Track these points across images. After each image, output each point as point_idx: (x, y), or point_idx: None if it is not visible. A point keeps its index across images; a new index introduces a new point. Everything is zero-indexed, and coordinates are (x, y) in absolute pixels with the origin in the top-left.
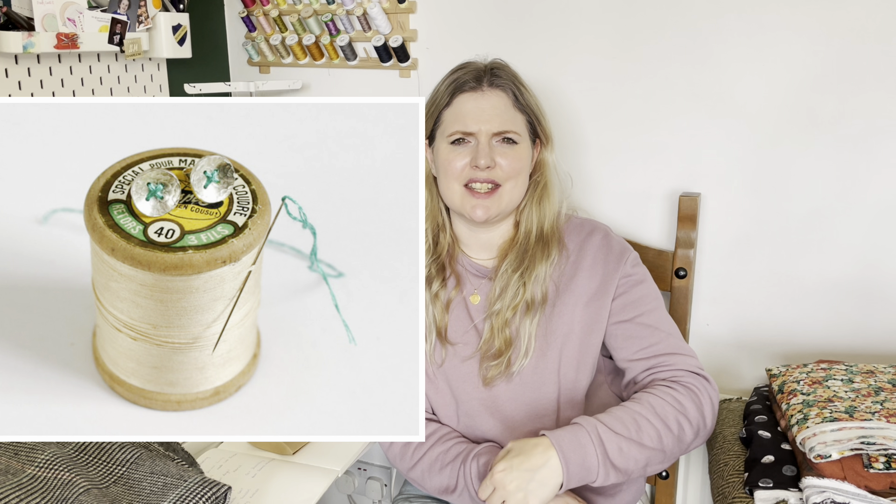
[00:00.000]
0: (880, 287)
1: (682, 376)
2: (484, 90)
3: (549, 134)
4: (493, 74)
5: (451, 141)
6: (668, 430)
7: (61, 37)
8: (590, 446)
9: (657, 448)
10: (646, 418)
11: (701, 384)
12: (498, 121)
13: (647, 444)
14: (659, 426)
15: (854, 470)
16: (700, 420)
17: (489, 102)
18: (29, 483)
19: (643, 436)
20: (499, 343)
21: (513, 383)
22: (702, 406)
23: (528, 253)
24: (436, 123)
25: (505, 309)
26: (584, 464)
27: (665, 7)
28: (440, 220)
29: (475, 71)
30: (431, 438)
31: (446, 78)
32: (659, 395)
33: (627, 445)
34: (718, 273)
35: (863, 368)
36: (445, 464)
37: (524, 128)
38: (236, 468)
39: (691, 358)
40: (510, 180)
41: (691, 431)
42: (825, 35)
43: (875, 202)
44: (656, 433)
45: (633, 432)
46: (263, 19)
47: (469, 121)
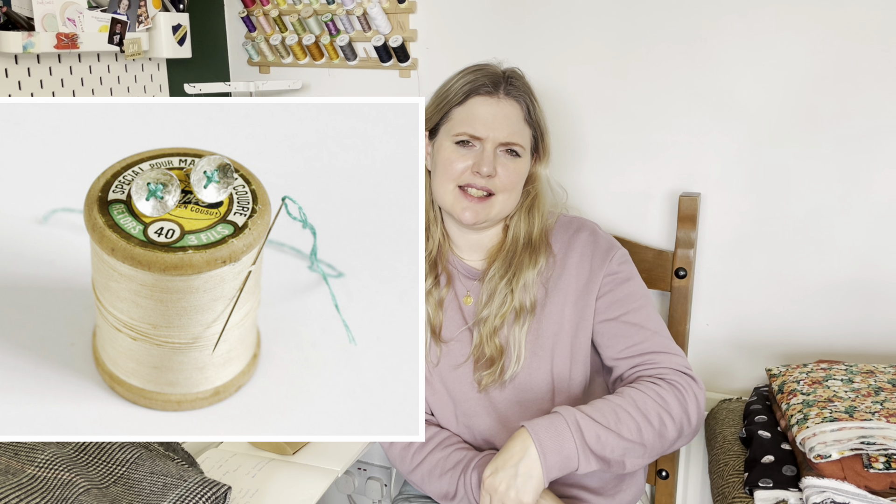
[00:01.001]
0: (880, 287)
1: (667, 374)
2: (500, 97)
3: (549, 150)
4: (510, 83)
5: (457, 141)
6: (649, 424)
7: (61, 37)
8: (566, 433)
9: (636, 440)
10: (626, 410)
11: (686, 382)
12: (508, 131)
13: (626, 435)
14: (639, 419)
15: (854, 470)
16: (684, 417)
17: (503, 111)
18: (29, 483)
19: (622, 427)
20: (490, 351)
21: (507, 389)
22: (686, 404)
23: (516, 259)
24: (443, 118)
25: (493, 317)
26: (563, 451)
27: (665, 7)
28: (431, 214)
29: (493, 76)
30: (430, 443)
31: (462, 76)
32: (641, 389)
33: (605, 434)
34: (718, 273)
35: (863, 368)
36: (445, 470)
37: (529, 142)
38: (236, 468)
39: (678, 357)
40: (505, 192)
41: (674, 428)
42: (825, 35)
43: (875, 202)
44: (636, 425)
45: (611, 422)
46: (263, 19)
47: (480, 125)
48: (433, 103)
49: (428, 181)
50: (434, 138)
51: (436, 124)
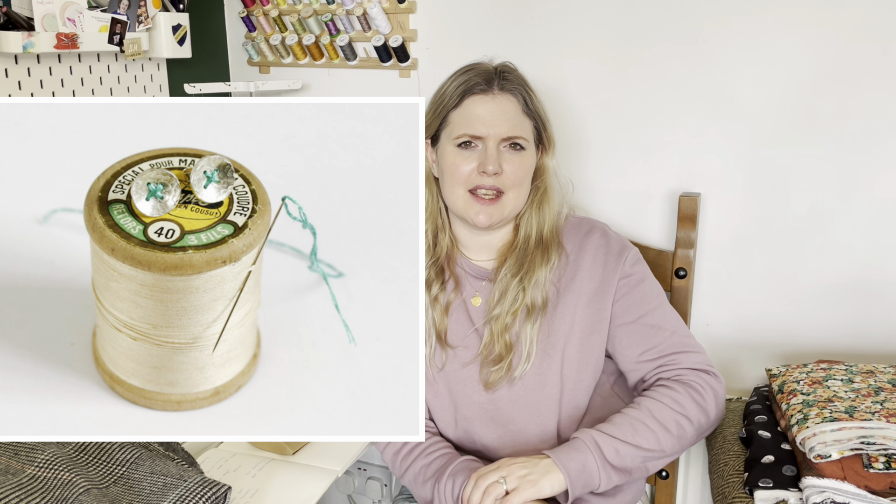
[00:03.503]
0: (880, 287)
1: (684, 375)
2: (495, 93)
3: (553, 139)
4: (503, 78)
5: (458, 144)
6: (667, 432)
7: (61, 37)
8: (587, 452)
9: (656, 449)
10: (643, 423)
11: (703, 381)
12: (507, 126)
13: (644, 445)
14: (656, 428)
15: (854, 470)
16: (702, 416)
17: (499, 106)
18: (29, 483)
19: (640, 439)
20: (499, 348)
21: (515, 387)
22: (704, 403)
23: (528, 258)
24: (442, 124)
25: (504, 314)
26: (585, 470)
27: (665, 7)
28: (440, 221)
29: (485, 73)
30: (416, 450)
31: (455, 78)
32: (658, 398)
33: (624, 447)
34: (718, 273)
35: (863, 368)
36: (427, 478)
37: (531, 133)
38: (236, 468)
39: (696, 354)
40: (514, 188)
41: (692, 429)
42: (825, 35)
43: (875, 202)
44: (654, 437)
45: (628, 436)
46: (263, 19)
47: (479, 124)
48: (431, 110)
49: (436, 189)
50: (436, 145)
51: (436, 131)
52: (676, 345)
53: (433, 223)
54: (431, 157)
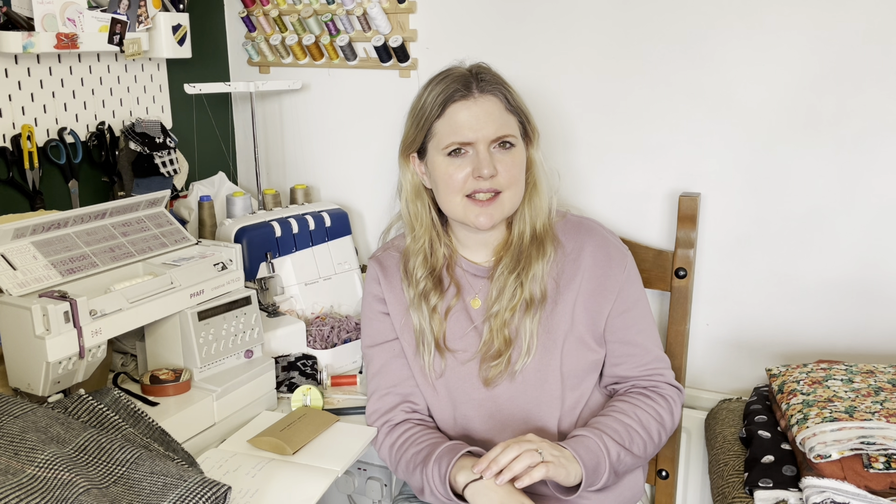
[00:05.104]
0: (880, 287)
1: (661, 387)
2: (476, 97)
3: (537, 131)
4: (480, 80)
5: (448, 153)
6: (651, 440)
7: (61, 37)
8: (601, 455)
9: (641, 456)
10: (636, 431)
11: (676, 395)
12: (494, 126)
13: (636, 452)
14: (645, 437)
15: (854, 470)
16: (672, 426)
17: (483, 109)
18: (29, 483)
19: (634, 446)
20: (498, 343)
21: (515, 382)
22: (674, 414)
23: (524, 254)
24: (427, 136)
25: (503, 310)
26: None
27: (665, 8)
28: (434, 232)
29: (462, 78)
30: (407, 442)
31: (432, 88)
32: (644, 408)
33: (624, 453)
34: (718, 273)
35: (863, 368)
36: (416, 465)
37: (517, 129)
38: (236, 468)
39: (669, 368)
40: (511, 187)
41: (665, 438)
42: (825, 35)
43: (875, 202)
44: (643, 444)
45: (626, 442)
46: (263, 19)
47: (466, 130)
48: (412, 124)
49: (429, 199)
50: (424, 157)
51: (422, 144)
52: (655, 358)
53: (428, 234)
54: (420, 169)
